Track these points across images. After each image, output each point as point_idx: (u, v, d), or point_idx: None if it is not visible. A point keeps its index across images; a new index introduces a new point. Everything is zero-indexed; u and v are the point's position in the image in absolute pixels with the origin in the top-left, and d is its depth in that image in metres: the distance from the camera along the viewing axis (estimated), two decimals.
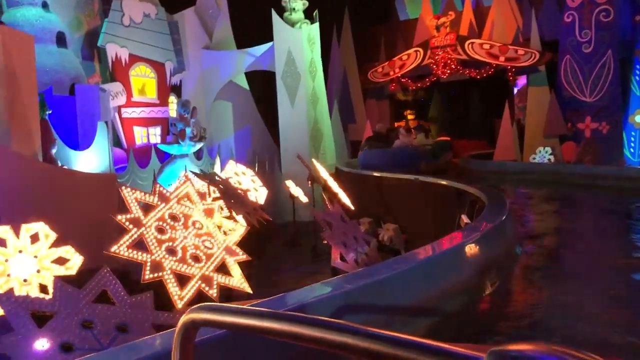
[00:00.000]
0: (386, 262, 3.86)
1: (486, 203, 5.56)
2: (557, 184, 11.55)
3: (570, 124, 16.17)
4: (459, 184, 7.05)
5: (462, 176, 13.38)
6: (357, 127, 19.20)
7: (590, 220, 8.24)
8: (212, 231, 4.20)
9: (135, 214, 4.04)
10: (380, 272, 3.25)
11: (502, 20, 17.92)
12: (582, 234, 7.21)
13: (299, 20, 14.88)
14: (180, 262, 3.95)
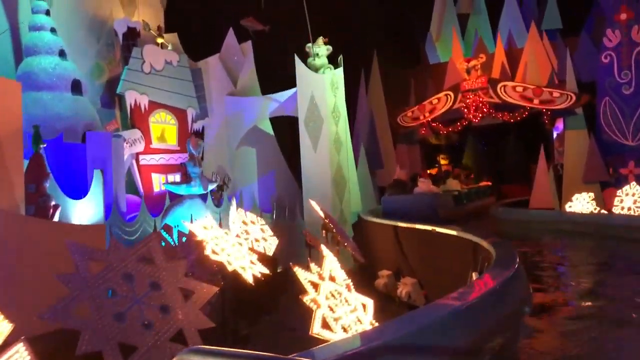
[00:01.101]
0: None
1: (494, 258, 4.94)
2: (591, 236, 10.55)
3: (611, 169, 15.22)
4: (471, 236, 6.39)
5: (481, 225, 12.60)
6: (385, 173, 18.62)
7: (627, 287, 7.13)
8: (172, 294, 3.69)
9: (82, 272, 3.59)
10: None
11: (536, 62, 17.30)
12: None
13: (323, 66, 14.67)
14: (126, 330, 3.44)
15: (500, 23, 20.23)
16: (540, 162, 15.71)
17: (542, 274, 7.78)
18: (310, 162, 14.08)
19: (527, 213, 13.13)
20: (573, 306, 5.85)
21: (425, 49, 20.77)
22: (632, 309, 6.00)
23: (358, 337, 3.22)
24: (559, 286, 7.18)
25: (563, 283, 7.33)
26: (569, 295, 6.45)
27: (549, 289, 6.90)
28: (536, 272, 7.92)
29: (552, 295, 6.53)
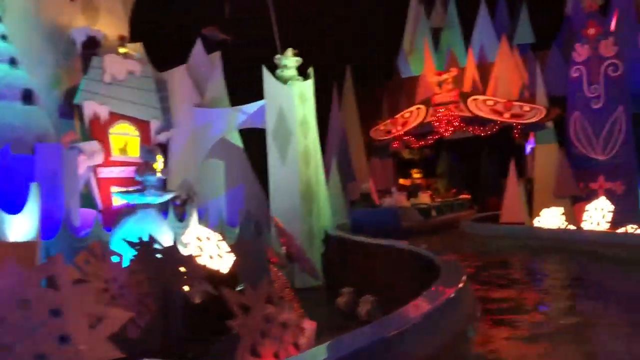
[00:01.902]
0: None
1: (440, 273, 4.71)
2: (557, 251, 10.31)
3: (582, 183, 15.14)
4: (423, 252, 6.15)
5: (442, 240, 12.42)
6: (358, 186, 18.38)
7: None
8: (75, 322, 3.33)
9: None
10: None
11: (507, 76, 17.27)
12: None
13: (291, 78, 14.41)
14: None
15: (473, 37, 20.22)
16: (511, 176, 15.59)
17: (495, 294, 7.50)
18: (278, 176, 13.76)
19: (492, 228, 12.93)
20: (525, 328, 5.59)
21: (398, 62, 20.68)
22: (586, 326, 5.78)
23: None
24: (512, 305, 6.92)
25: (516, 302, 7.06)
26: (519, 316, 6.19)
27: (502, 309, 6.62)
28: (489, 291, 7.63)
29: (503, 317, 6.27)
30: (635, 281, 8.23)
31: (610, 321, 5.75)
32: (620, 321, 5.71)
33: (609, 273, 8.43)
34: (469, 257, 11.54)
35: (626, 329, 5.43)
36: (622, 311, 6.10)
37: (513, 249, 11.44)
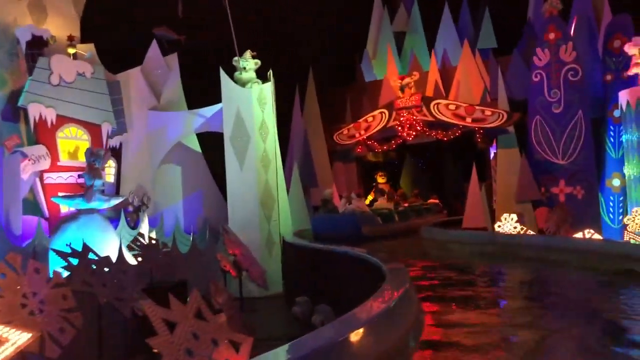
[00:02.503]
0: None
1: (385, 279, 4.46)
2: (514, 257, 10.14)
3: (544, 188, 15.14)
4: (371, 257, 5.91)
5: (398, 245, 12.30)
6: (320, 192, 18.08)
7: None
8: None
9: None
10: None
11: (469, 80, 17.25)
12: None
13: (250, 80, 14.06)
14: None
15: (436, 41, 20.20)
16: (472, 181, 15.50)
17: (440, 303, 7.29)
18: (236, 181, 13.39)
19: (450, 233, 12.76)
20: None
21: (361, 66, 20.50)
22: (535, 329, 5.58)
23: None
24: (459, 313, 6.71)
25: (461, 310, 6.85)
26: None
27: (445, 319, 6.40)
28: (436, 300, 7.42)
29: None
30: (584, 288, 8.09)
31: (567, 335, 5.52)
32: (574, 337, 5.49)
33: (567, 282, 8.25)
34: (417, 263, 11.43)
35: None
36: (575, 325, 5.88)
37: (468, 254, 11.26)
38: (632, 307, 6.80)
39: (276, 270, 12.32)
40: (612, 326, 5.89)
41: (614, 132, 15.35)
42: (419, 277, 9.42)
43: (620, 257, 7.87)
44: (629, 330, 5.68)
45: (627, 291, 7.47)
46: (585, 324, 6.01)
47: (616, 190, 15.32)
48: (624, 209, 14.77)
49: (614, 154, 15.36)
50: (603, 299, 7.34)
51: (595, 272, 8.46)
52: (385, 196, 19.13)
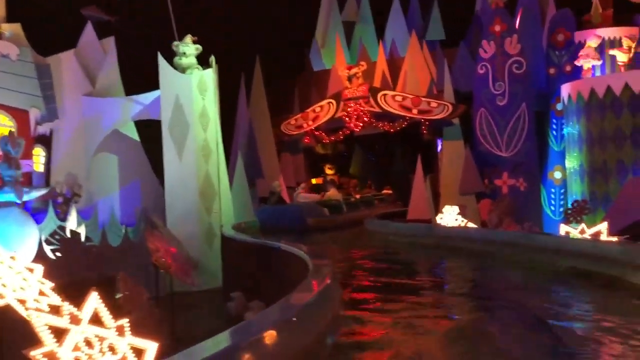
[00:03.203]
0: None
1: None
2: (454, 250, 10.00)
3: (487, 180, 15.18)
4: (298, 251, 5.67)
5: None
6: (266, 183, 17.70)
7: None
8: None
9: None
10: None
11: (416, 72, 17.16)
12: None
13: (190, 66, 13.53)
14: None
15: (386, 32, 20.06)
16: (417, 173, 15.43)
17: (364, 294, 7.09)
18: (174, 172, 12.91)
19: (392, 225, 12.63)
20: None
21: (310, 55, 20.16)
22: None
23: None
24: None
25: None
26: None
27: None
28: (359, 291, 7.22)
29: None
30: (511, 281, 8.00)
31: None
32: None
33: (497, 276, 8.11)
34: (351, 256, 11.29)
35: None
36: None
37: (406, 247, 11.13)
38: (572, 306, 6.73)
39: (216, 263, 11.95)
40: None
41: (557, 125, 15.53)
42: (348, 270, 9.25)
43: (557, 253, 7.81)
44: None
45: (564, 290, 7.38)
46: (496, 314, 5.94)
47: (558, 182, 15.53)
48: (565, 201, 14.97)
49: (556, 147, 15.55)
50: (528, 294, 7.28)
51: (529, 268, 8.37)
52: (335, 187, 19.01)
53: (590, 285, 7.58)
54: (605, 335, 5.06)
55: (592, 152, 13.44)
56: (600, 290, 7.21)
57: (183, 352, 3.31)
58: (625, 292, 6.45)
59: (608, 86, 12.96)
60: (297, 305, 4.00)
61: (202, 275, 12.01)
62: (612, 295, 6.93)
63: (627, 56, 13.54)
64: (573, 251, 7.65)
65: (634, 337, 4.90)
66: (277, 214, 15.60)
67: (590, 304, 6.70)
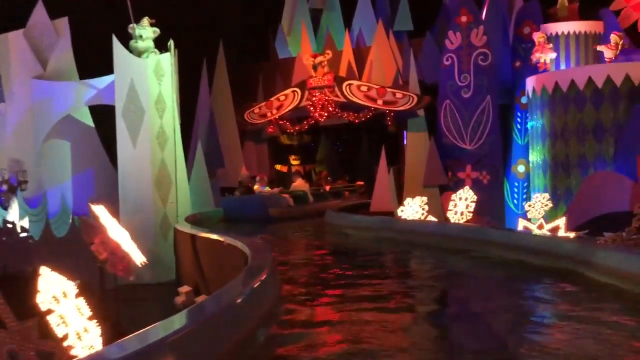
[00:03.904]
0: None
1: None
2: (413, 245, 9.76)
3: (450, 173, 15.05)
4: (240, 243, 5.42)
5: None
6: (228, 173, 17.27)
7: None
8: None
9: None
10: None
11: (381, 62, 16.88)
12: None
13: (147, 50, 13.01)
14: None
15: (353, 21, 19.72)
16: (381, 164, 15.22)
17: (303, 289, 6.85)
18: (128, 160, 12.42)
19: (350, 217, 12.37)
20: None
21: (275, 42, 19.70)
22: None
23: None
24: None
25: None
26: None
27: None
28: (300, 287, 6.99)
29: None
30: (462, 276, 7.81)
31: None
32: None
33: (445, 270, 7.88)
34: (304, 248, 11.03)
35: None
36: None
37: (363, 240, 10.86)
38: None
39: (170, 256, 11.54)
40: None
41: (521, 119, 15.46)
42: (294, 264, 9.00)
43: (511, 248, 7.63)
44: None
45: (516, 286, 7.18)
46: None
47: (521, 176, 15.48)
48: (527, 195, 14.93)
49: (520, 141, 15.48)
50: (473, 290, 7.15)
51: (482, 261, 8.18)
52: (301, 178, 18.79)
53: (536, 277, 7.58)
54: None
55: (555, 146, 13.37)
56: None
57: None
58: (580, 286, 6.26)
59: (572, 80, 12.87)
60: (225, 300, 3.92)
61: (156, 268, 11.67)
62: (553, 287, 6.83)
63: (613, 52, 13.40)
64: (523, 246, 7.45)
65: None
66: (240, 204, 15.50)
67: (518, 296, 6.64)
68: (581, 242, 6.43)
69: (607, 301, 5.44)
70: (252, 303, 4.07)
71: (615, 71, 12.37)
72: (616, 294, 5.52)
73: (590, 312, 5.18)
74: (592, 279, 5.92)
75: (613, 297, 5.54)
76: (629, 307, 5.22)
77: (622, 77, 12.21)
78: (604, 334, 4.52)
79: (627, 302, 5.36)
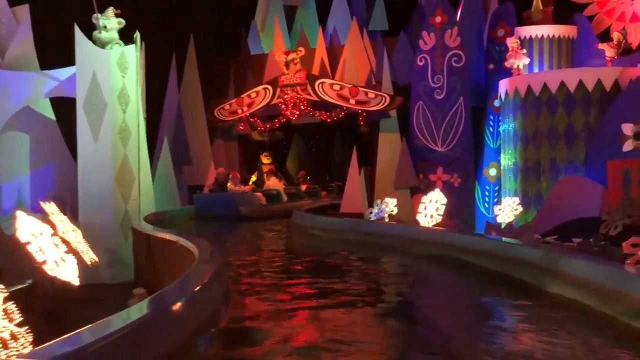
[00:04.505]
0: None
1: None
2: (381, 248, 9.44)
3: (422, 174, 14.86)
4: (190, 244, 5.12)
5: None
6: (196, 170, 16.85)
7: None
8: None
9: None
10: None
11: (355, 61, 16.64)
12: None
13: (111, 41, 12.55)
14: None
15: (328, 19, 19.46)
16: (352, 165, 14.97)
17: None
18: (88, 155, 11.98)
19: (316, 219, 12.07)
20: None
21: (248, 38, 19.31)
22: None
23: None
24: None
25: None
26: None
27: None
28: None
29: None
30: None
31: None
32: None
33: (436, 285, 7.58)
34: (265, 250, 10.72)
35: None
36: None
37: (327, 242, 10.53)
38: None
39: (131, 255, 11.12)
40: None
41: (494, 122, 15.36)
42: (251, 265, 8.68)
43: (474, 253, 7.38)
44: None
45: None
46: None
47: (492, 179, 15.38)
48: (498, 199, 14.82)
49: (492, 144, 15.39)
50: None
51: (443, 265, 7.92)
52: (275, 176, 18.50)
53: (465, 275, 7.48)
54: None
55: (527, 150, 13.28)
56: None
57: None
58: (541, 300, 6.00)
59: (544, 83, 12.78)
60: (161, 304, 3.76)
61: (116, 268, 11.25)
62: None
63: (615, 51, 13.26)
64: (488, 251, 7.20)
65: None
66: (211, 202, 15.27)
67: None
68: (546, 250, 6.16)
69: (568, 317, 5.11)
70: (190, 307, 3.86)
71: (587, 76, 12.30)
72: (579, 311, 5.15)
73: (545, 325, 4.90)
74: (553, 294, 5.57)
75: (575, 313, 5.19)
76: (592, 323, 4.88)
77: (594, 82, 12.16)
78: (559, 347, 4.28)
79: (590, 317, 4.99)
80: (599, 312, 4.84)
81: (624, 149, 11.35)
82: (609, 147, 11.54)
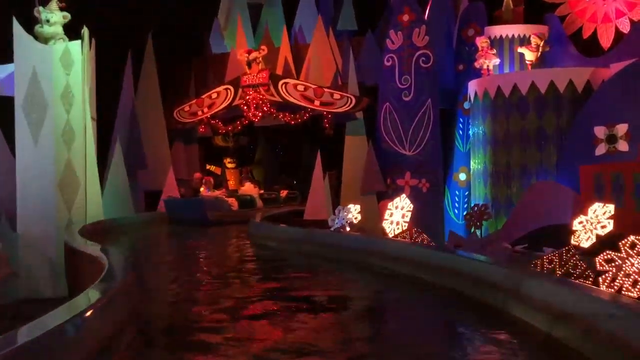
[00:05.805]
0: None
1: None
2: (330, 260, 8.68)
3: (389, 179, 14.22)
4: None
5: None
6: (152, 174, 15.96)
7: None
8: None
9: None
10: None
11: (321, 61, 15.98)
12: None
13: (54, 36, 11.69)
14: None
15: (295, 18, 18.77)
16: (316, 169, 14.27)
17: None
18: (28, 158, 11.09)
19: (271, 228, 11.29)
20: None
21: (210, 36, 18.49)
22: None
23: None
24: None
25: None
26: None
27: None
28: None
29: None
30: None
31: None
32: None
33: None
34: (203, 261, 10.03)
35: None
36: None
37: (278, 252, 9.78)
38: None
39: None
40: None
41: (463, 125, 14.86)
42: (185, 279, 7.97)
43: (431, 268, 6.70)
44: None
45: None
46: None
47: (462, 184, 14.87)
48: (468, 205, 14.26)
49: (462, 147, 14.87)
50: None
51: (393, 281, 7.25)
52: (251, 182, 17.92)
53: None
54: None
55: (497, 153, 12.77)
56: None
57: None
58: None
59: (515, 85, 12.31)
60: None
61: (59, 282, 10.40)
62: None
63: (534, 55, 12.99)
64: (447, 267, 6.51)
65: None
66: (180, 206, 14.91)
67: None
68: (510, 270, 5.44)
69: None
70: (83, 330, 3.56)
71: (558, 76, 11.84)
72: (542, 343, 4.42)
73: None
74: (516, 317, 4.84)
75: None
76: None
77: (565, 82, 11.70)
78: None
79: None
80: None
81: (597, 152, 10.90)
82: (581, 151, 11.07)
